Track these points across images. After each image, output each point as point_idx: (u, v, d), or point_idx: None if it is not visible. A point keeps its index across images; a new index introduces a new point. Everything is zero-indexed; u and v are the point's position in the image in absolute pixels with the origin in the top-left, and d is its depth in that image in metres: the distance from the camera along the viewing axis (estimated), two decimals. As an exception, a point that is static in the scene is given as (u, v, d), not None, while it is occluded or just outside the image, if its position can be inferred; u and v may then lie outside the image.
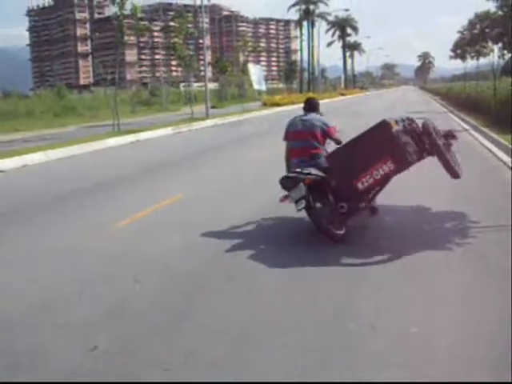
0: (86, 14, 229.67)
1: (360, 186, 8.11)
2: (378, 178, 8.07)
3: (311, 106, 9.53)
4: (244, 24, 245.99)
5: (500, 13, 29.30)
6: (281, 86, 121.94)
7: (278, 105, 58.93)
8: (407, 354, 4.90)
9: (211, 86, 65.10)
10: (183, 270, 7.35)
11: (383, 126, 8.16)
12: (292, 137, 9.20)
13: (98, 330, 5.52)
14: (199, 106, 44.35)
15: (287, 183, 8.50)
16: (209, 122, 36.43)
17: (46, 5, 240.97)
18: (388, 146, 8.00)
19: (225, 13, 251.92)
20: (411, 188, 11.53)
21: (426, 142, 8.61)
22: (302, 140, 8.96)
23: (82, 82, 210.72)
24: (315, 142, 8.91)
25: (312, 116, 9.26)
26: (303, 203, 8.25)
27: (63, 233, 9.53)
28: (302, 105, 9.75)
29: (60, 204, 12.11)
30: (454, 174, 9.04)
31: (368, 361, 4.76)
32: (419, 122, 8.88)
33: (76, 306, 6.20)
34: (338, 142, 9.00)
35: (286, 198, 8.57)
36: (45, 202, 12.30)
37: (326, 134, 9.03)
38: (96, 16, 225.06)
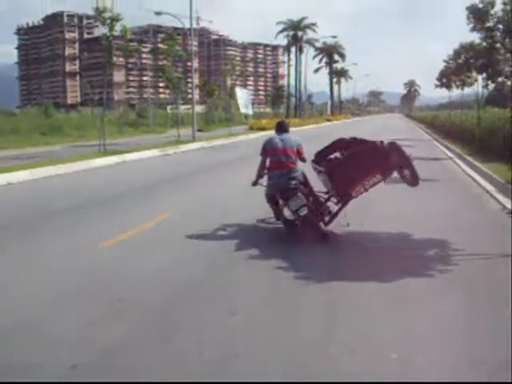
0: (75, 34, 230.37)
1: (353, 194, 9.97)
2: (367, 187, 9.92)
3: (283, 127, 11.11)
4: (232, 48, 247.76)
5: (484, 44, 29.74)
6: (268, 110, 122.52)
7: (264, 129, 59.04)
8: (384, 376, 4.96)
9: (198, 108, 65.30)
10: (167, 287, 7.37)
11: (375, 145, 10.24)
12: (272, 153, 10.58)
13: (78, 347, 5.53)
14: (186, 129, 44.42)
15: (284, 194, 10.15)
16: (195, 145, 36.50)
17: (36, 24, 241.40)
18: (379, 161, 9.96)
19: (214, 36, 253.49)
20: (391, 215, 11.64)
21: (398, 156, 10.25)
22: (283, 155, 10.45)
23: (69, 101, 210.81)
24: (292, 158, 10.47)
25: (288, 136, 10.90)
26: (305, 210, 9.89)
27: (46, 251, 9.53)
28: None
29: (43, 223, 12.06)
30: (416, 182, 10.59)
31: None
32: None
33: (55, 323, 6.19)
34: (304, 160, 10.82)
35: (285, 205, 10.27)
36: (27, 221, 12.25)
37: (299, 152, 10.64)
38: (85, 36, 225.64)
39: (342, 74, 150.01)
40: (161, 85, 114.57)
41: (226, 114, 78.68)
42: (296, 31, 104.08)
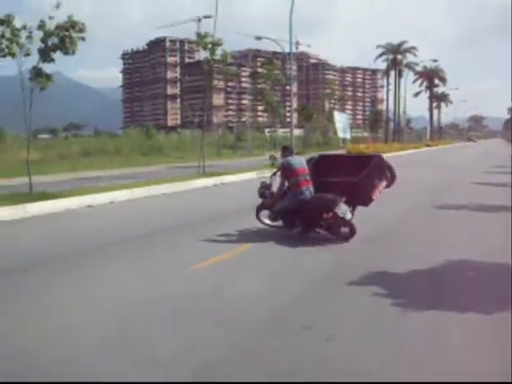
0: (176, 58, 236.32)
1: (374, 197, 12.45)
2: (381, 191, 12.65)
3: (291, 151, 13.33)
4: (331, 72, 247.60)
5: None
6: (365, 134, 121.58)
7: (362, 154, 58.53)
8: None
9: (296, 132, 65.34)
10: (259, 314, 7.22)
11: (383, 158, 13.39)
12: (301, 172, 12.33)
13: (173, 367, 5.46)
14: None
15: (327, 204, 11.72)
16: (292, 168, 36.38)
17: (140, 49, 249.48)
18: (385, 170, 12.99)
19: (312, 61, 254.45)
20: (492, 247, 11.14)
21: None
22: (306, 174, 12.38)
23: (169, 123, 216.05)
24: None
25: (299, 157, 13.14)
26: (350, 214, 11.95)
27: (143, 270, 9.62)
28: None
29: (140, 242, 12.24)
30: (393, 182, 13.16)
31: None
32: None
33: (154, 344, 6.16)
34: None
35: (333, 213, 11.73)
36: (124, 240, 12.43)
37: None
38: (186, 60, 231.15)
39: (442, 98, 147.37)
40: (259, 108, 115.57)
41: (324, 137, 78.60)
42: (395, 55, 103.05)
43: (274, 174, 13.43)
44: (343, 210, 11.71)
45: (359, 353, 5.96)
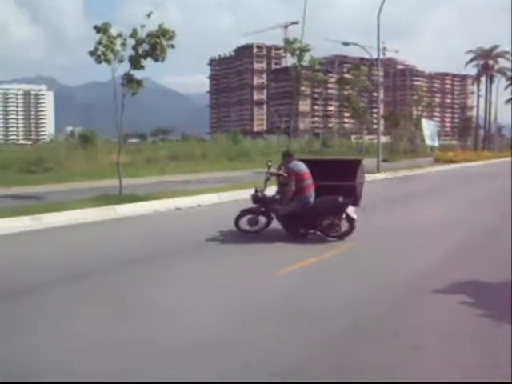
0: (263, 64, 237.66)
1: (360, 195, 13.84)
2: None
3: (292, 156, 13.33)
4: (419, 78, 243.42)
5: None
6: (454, 142, 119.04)
7: (451, 161, 57.31)
8: None
9: (383, 139, 64.61)
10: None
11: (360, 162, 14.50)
12: (308, 177, 12.64)
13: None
14: (370, 159, 44.07)
15: (337, 208, 12.52)
16: (379, 176, 36.09)
17: (227, 55, 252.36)
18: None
19: (400, 67, 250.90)
20: None
21: None
22: (310, 178, 12.67)
23: (256, 128, 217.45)
24: None
25: (301, 162, 13.15)
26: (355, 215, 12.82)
27: (231, 272, 9.77)
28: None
29: (226, 245, 12.40)
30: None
31: None
32: None
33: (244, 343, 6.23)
34: None
35: (346, 214, 12.64)
36: (211, 242, 12.58)
37: None
38: (273, 66, 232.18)
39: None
40: (345, 114, 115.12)
41: (411, 145, 77.41)
42: (486, 60, 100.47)
43: (268, 179, 13.56)
44: (351, 210, 12.67)
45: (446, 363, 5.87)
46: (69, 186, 26.83)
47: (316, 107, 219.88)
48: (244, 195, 22.20)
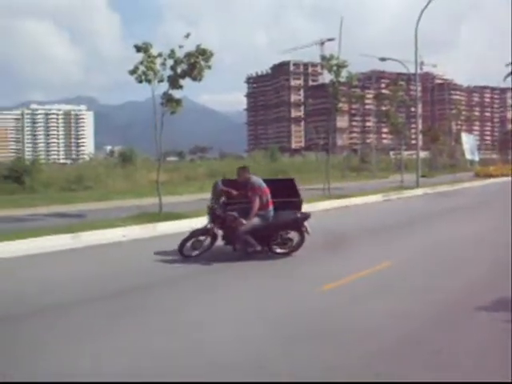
0: (300, 81, 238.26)
1: None
2: None
3: (249, 171, 12.94)
4: (457, 92, 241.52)
5: None
6: (494, 156, 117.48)
7: (491, 176, 56.59)
8: None
9: (422, 154, 64.15)
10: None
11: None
12: (267, 192, 12.48)
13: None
14: (409, 175, 43.75)
15: (296, 222, 12.83)
16: (419, 191, 35.80)
17: (264, 73, 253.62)
18: None
19: (438, 81, 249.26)
20: None
21: None
22: (269, 193, 12.51)
23: (293, 145, 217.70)
24: None
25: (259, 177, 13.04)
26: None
27: (270, 288, 9.73)
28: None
29: (272, 260, 12.38)
30: None
31: None
32: None
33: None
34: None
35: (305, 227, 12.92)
36: (255, 259, 12.56)
37: None
38: (310, 83, 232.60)
39: None
40: (384, 130, 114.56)
41: (450, 159, 76.60)
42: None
43: (217, 199, 13.15)
44: (307, 227, 12.94)
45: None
46: (109, 204, 27.14)
47: (354, 123, 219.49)
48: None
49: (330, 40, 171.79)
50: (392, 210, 25.76)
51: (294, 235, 12.97)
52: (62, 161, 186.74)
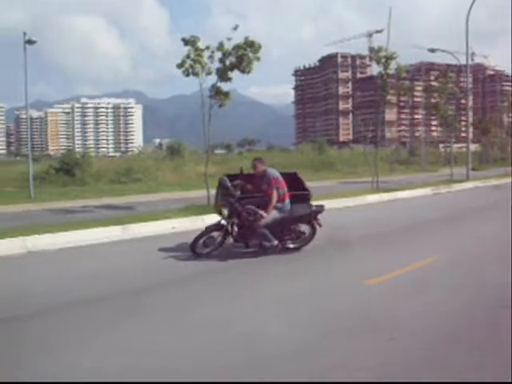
0: (348, 74, 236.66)
1: None
2: None
3: (264, 162, 12.50)
4: (509, 83, 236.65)
5: None
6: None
7: (544, 169, 55.30)
8: None
9: (472, 147, 63.12)
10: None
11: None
12: (285, 184, 12.17)
13: None
14: (459, 168, 43.12)
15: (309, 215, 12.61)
16: (469, 184, 35.23)
17: (312, 65, 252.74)
18: None
19: (489, 72, 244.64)
20: None
21: None
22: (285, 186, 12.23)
23: (341, 138, 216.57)
24: None
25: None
26: None
27: (317, 280, 9.73)
28: None
29: (315, 254, 12.38)
30: None
31: None
32: None
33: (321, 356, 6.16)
34: None
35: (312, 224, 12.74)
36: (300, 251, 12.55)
37: None
38: (358, 75, 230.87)
39: None
40: (433, 123, 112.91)
41: (502, 152, 75.16)
42: None
43: (223, 196, 12.57)
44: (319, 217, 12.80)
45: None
46: (157, 196, 27.43)
47: (402, 116, 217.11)
48: (332, 205, 22.20)
49: (378, 32, 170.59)
50: (441, 204, 25.40)
51: (305, 228, 12.74)
52: (111, 154, 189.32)
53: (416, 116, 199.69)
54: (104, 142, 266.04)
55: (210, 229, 12.29)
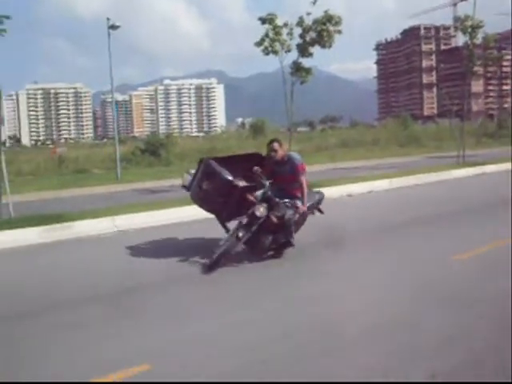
0: (432, 46, 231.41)
1: None
2: None
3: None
4: None
5: None
6: None
7: None
8: None
9: None
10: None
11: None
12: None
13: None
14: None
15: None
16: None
17: (394, 39, 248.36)
18: None
19: None
20: None
21: None
22: None
23: (425, 112, 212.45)
24: None
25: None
26: None
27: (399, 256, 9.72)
28: None
29: (399, 230, 12.31)
30: None
31: None
32: None
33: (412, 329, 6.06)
34: None
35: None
36: (383, 228, 12.42)
37: None
38: (442, 47, 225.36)
39: None
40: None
41: None
42: None
43: (201, 181, 10.33)
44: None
45: None
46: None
47: (490, 87, 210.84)
48: (417, 181, 21.83)
49: (462, 0, 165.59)
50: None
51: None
52: (194, 134, 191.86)
53: (504, 87, 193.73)
54: (187, 122, 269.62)
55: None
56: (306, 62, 20.87)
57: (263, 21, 20.31)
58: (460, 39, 33.96)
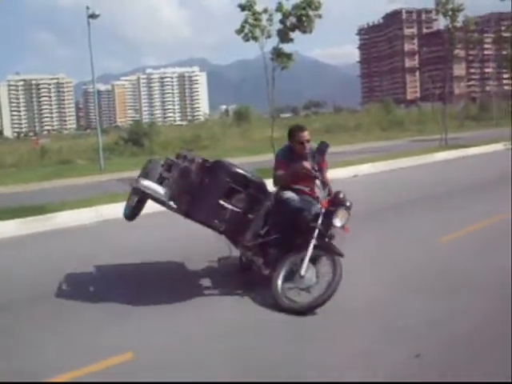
0: (413, 30, 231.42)
1: None
2: None
3: None
4: None
5: None
6: None
7: None
8: None
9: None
10: None
11: None
12: None
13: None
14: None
15: None
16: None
17: (376, 23, 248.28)
18: None
19: None
20: None
21: None
22: None
23: (408, 96, 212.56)
24: None
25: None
26: None
27: (390, 239, 9.74)
28: None
29: (384, 214, 12.33)
30: None
31: None
32: None
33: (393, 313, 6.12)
34: None
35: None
36: (369, 212, 12.42)
37: None
38: (424, 31, 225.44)
39: None
40: (504, 76, 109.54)
41: None
42: None
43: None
44: None
45: None
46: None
47: (472, 70, 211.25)
48: (400, 164, 21.93)
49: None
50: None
51: None
52: (178, 122, 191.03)
53: (486, 70, 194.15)
54: (171, 110, 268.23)
55: None
56: (287, 48, 20.85)
57: (242, 7, 20.23)
58: (442, 22, 34.02)
